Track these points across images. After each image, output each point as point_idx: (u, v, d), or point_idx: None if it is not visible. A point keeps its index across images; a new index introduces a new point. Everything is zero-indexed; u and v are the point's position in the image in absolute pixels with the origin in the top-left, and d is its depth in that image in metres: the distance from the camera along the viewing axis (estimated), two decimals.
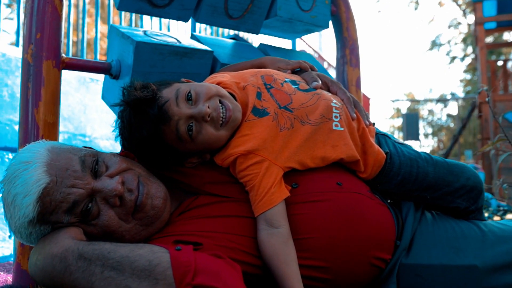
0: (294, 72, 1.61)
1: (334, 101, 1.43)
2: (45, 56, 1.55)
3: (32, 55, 1.55)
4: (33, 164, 1.09)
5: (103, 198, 1.18)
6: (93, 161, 1.21)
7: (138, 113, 1.25)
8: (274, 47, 2.21)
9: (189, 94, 1.29)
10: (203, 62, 1.78)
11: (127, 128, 1.30)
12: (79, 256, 1.05)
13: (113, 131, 1.37)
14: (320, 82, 1.50)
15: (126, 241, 1.21)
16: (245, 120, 1.35)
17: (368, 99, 12.38)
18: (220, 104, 1.31)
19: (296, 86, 1.45)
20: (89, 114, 4.03)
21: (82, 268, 1.03)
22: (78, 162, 1.18)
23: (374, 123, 1.60)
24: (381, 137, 1.57)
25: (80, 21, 5.09)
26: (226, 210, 1.30)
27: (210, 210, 1.31)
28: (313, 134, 1.35)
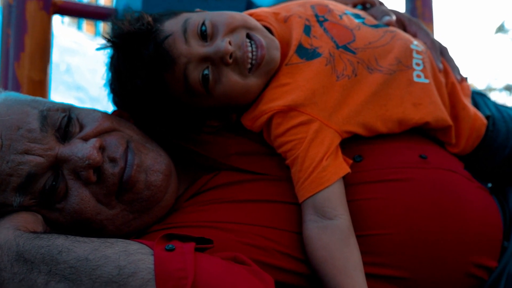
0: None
1: (415, 42, 1.09)
2: None
3: None
4: None
5: (72, 171, 0.85)
6: (61, 118, 0.88)
7: (129, 55, 0.96)
8: None
9: (203, 26, 0.96)
10: (234, 5, 1.42)
11: (116, 78, 1.01)
12: (17, 257, 0.72)
13: (104, 85, 1.05)
14: (394, 17, 1.14)
15: (109, 234, 0.88)
16: (286, 63, 1.01)
17: None
18: (248, 40, 0.97)
19: (361, 20, 1.11)
20: None
21: (19, 276, 0.71)
22: (37, 119, 0.85)
23: (467, 78, 1.23)
24: (478, 98, 1.22)
25: None
26: (258, 192, 0.99)
27: (234, 191, 1.00)
28: (385, 86, 1.02)
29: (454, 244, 0.98)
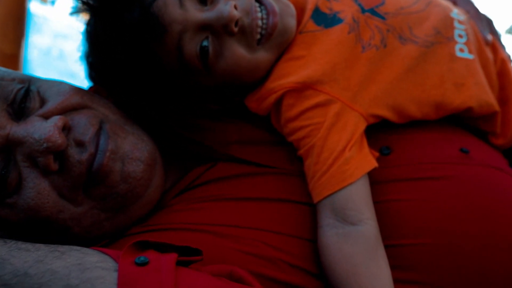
0: None
1: (456, 10, 0.92)
2: None
3: None
4: None
5: (27, 156, 0.67)
6: (16, 90, 0.70)
7: (108, 22, 0.78)
8: None
9: None
10: None
11: (93, 49, 0.83)
12: None
13: (79, 58, 0.88)
14: None
15: (75, 238, 0.72)
16: (300, 31, 0.84)
17: None
18: (257, 4, 0.80)
19: None
20: None
21: None
22: None
23: None
24: None
25: None
26: (262, 188, 0.82)
27: (233, 187, 0.82)
28: (421, 61, 0.84)
29: (505, 255, 0.81)
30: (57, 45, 3.05)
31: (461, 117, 0.89)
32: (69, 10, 0.88)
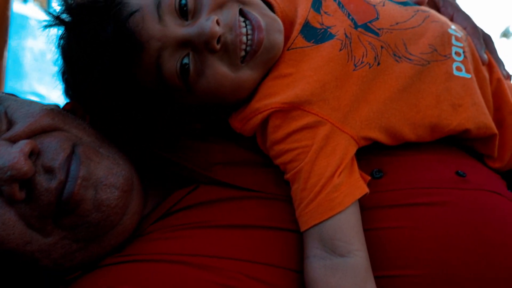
0: None
1: (453, 27, 0.88)
2: None
3: None
4: None
5: None
6: None
7: (81, 38, 0.73)
8: None
9: None
10: None
11: (67, 65, 0.79)
12: None
13: (56, 73, 0.82)
14: None
15: (43, 270, 0.68)
16: (289, 47, 0.79)
17: None
18: (241, 18, 0.75)
19: None
20: None
21: None
22: None
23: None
24: None
25: None
26: (246, 214, 0.78)
27: (215, 213, 0.78)
28: (416, 80, 0.81)
29: (504, 286, 0.77)
30: (51, 48, 3.01)
31: (457, 138, 0.85)
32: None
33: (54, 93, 3.21)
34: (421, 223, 0.76)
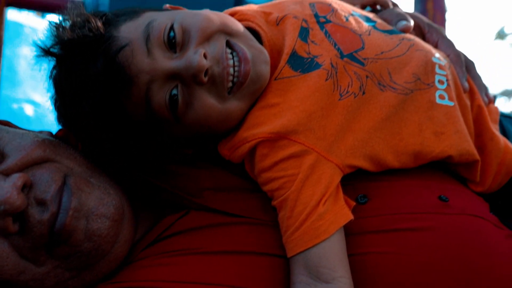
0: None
1: (437, 55, 0.89)
2: None
3: None
4: None
5: None
6: None
7: (72, 72, 0.74)
8: None
9: (171, 31, 0.74)
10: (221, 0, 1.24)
11: (59, 96, 0.79)
12: None
13: (50, 98, 0.82)
14: (411, 22, 0.93)
15: None
16: (276, 77, 0.80)
17: None
18: (228, 49, 0.75)
19: (372, 23, 0.90)
20: None
21: None
22: None
23: (495, 97, 1.05)
24: (507, 122, 1.04)
25: None
26: (235, 240, 0.78)
27: (205, 239, 0.78)
28: (399, 109, 0.82)
29: None
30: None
31: (441, 162, 0.86)
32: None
33: (49, 101, 3.20)
34: (405, 249, 0.77)
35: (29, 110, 2.95)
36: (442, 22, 1.88)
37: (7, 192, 0.62)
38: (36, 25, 3.00)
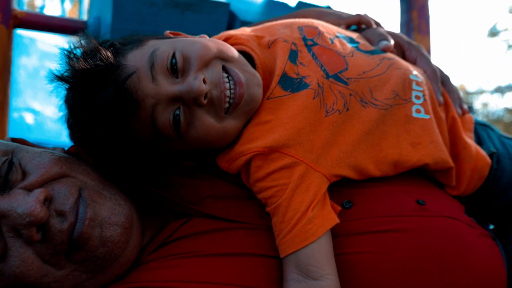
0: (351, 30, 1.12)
1: (415, 72, 0.96)
2: None
3: None
4: None
5: (11, 228, 0.71)
6: (0, 164, 0.74)
7: (85, 97, 0.80)
8: (318, 7, 1.66)
9: (173, 58, 0.81)
10: (214, 19, 1.32)
11: (71, 117, 0.85)
12: None
13: (60, 118, 0.89)
14: (392, 42, 1.01)
15: None
16: (268, 97, 0.87)
17: None
18: (224, 74, 0.83)
19: (355, 45, 0.97)
20: None
21: None
22: None
23: (471, 108, 1.14)
24: (482, 130, 1.10)
25: None
26: (234, 243, 0.85)
27: (206, 243, 0.85)
28: (380, 123, 0.89)
29: None
30: (44, 65, 3.07)
31: (420, 169, 0.93)
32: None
33: (48, 109, 3.26)
34: (386, 248, 0.83)
35: (29, 118, 3.02)
36: (427, 30, 1.94)
37: (31, 206, 0.69)
38: (35, 36, 3.06)
